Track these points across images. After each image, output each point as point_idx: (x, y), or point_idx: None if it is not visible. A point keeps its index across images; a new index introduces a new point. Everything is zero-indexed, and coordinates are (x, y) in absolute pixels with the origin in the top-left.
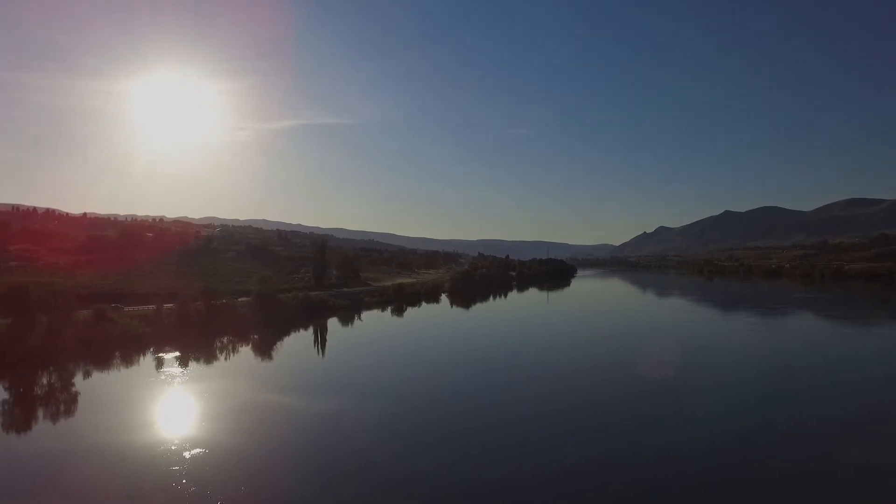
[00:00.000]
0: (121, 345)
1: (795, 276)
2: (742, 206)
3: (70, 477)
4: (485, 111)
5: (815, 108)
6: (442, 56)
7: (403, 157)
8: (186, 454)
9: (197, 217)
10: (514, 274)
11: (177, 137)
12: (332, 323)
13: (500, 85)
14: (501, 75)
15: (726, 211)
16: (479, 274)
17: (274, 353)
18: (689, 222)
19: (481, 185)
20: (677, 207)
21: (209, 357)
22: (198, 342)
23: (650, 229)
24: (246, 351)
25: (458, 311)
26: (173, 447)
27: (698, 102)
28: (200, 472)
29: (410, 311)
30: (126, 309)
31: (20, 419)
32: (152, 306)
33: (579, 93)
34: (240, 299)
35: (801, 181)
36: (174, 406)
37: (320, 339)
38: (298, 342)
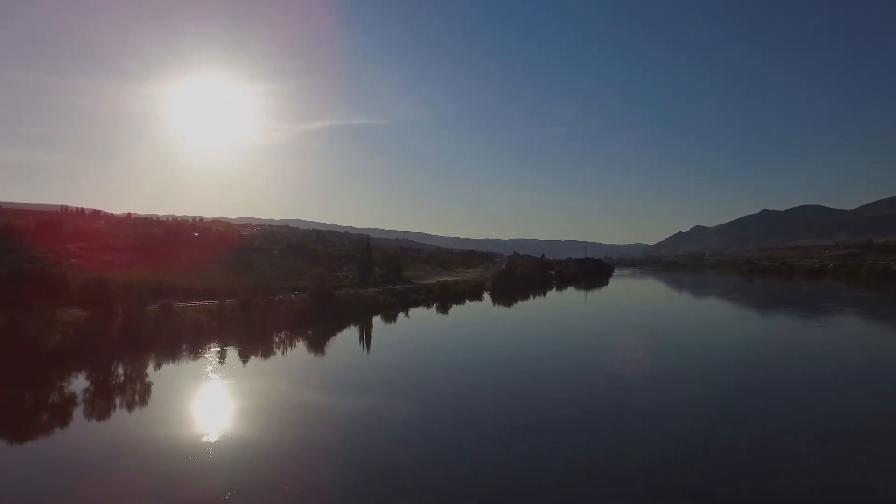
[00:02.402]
0: (188, 338)
1: (840, 276)
2: (781, 205)
3: (129, 466)
4: (519, 111)
5: (857, 104)
6: (476, 56)
7: (437, 157)
8: (226, 448)
9: (233, 217)
10: (552, 273)
11: (214, 139)
12: (383, 319)
13: (535, 84)
14: (536, 74)
15: (764, 210)
16: (519, 273)
17: (327, 349)
18: (725, 221)
19: (515, 185)
20: (714, 206)
21: (267, 351)
22: (258, 336)
23: (686, 228)
24: (302, 346)
25: (500, 310)
26: (215, 441)
27: (735, 99)
28: (236, 467)
29: (454, 309)
30: (191, 304)
31: (100, 408)
32: (215, 301)
33: (614, 91)
34: (290, 296)
35: (842, 179)
36: (226, 399)
37: (370, 336)
38: (349, 338)
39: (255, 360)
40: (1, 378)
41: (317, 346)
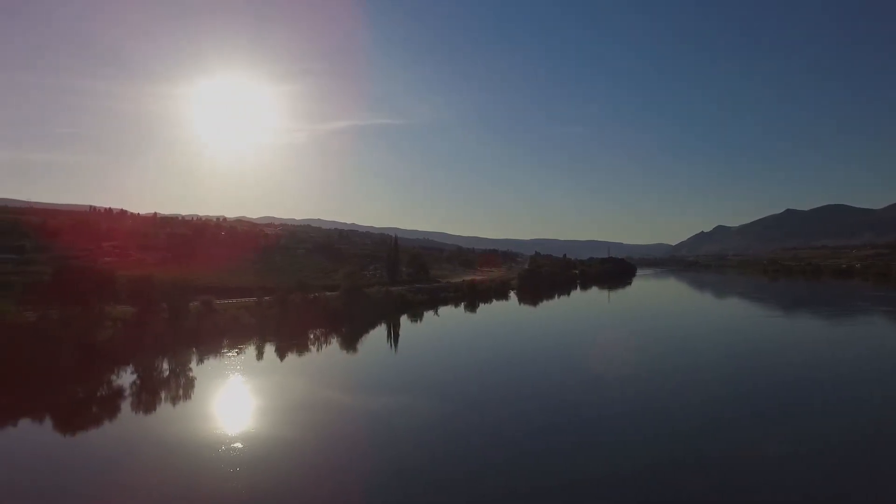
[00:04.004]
0: (228, 333)
1: (868, 276)
2: (805, 205)
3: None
4: (538, 110)
5: (883, 101)
6: (496, 57)
7: (456, 157)
8: (247, 447)
9: (255, 217)
10: (576, 272)
11: (235, 139)
12: (412, 317)
13: (554, 83)
14: (555, 74)
15: (788, 209)
16: (544, 272)
17: (359, 347)
18: (748, 221)
19: (535, 184)
20: (736, 206)
21: (303, 349)
22: (295, 332)
23: (708, 228)
24: (335, 343)
25: (525, 309)
26: (248, 437)
27: (758, 97)
28: (257, 464)
29: (481, 308)
30: (228, 301)
31: (147, 403)
32: (251, 299)
33: (634, 90)
34: (325, 294)
35: (868, 178)
36: (264, 396)
37: (398, 335)
38: (379, 336)
39: (292, 357)
40: (54, 372)
41: (349, 343)
